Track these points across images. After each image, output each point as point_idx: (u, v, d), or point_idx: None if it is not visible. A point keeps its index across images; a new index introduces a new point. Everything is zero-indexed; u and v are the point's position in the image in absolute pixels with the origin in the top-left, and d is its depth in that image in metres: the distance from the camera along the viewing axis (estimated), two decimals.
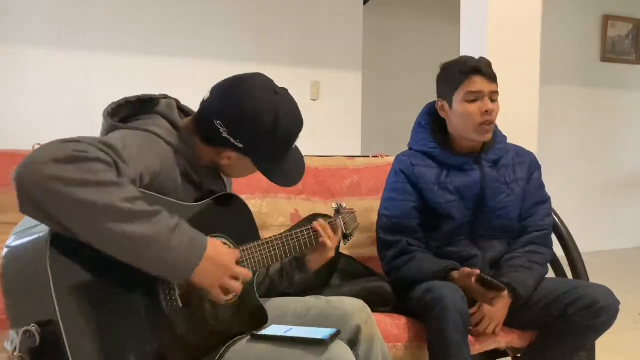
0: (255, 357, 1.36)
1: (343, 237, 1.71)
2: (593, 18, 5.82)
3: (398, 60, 5.42)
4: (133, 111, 1.38)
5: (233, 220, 1.47)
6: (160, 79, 3.83)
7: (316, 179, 2.35)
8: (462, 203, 1.96)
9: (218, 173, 1.54)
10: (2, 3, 3.57)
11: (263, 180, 1.47)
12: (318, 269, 1.65)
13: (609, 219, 5.88)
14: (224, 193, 1.46)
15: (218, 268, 1.25)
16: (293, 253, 1.55)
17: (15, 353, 1.09)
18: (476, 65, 1.93)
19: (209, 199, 1.41)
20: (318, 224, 1.59)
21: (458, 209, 1.96)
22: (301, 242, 1.56)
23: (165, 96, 1.44)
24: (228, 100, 1.38)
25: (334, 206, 1.72)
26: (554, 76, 5.23)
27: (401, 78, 5.37)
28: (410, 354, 1.82)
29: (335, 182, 2.39)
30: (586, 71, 5.79)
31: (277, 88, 1.42)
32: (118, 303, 1.18)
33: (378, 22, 5.22)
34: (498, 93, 1.96)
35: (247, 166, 1.44)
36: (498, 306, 1.87)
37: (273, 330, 1.41)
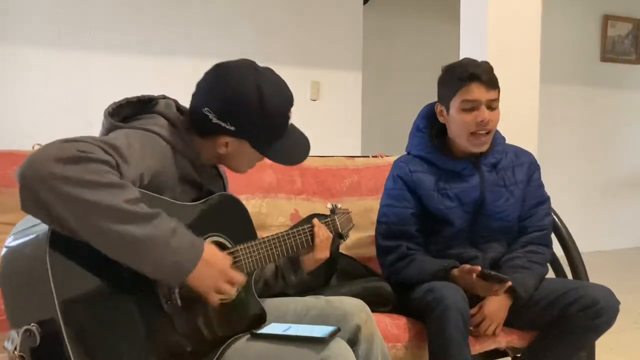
0: (254, 355, 1.37)
1: (338, 238, 1.72)
2: (593, 18, 5.82)
3: (398, 60, 5.41)
4: (133, 111, 1.40)
5: (230, 220, 1.48)
6: (160, 79, 3.82)
7: (316, 179, 2.35)
8: (462, 208, 1.96)
9: (219, 173, 1.55)
10: (2, 3, 3.56)
11: (263, 180, 1.47)
12: (312, 270, 1.65)
13: (609, 219, 5.88)
14: (221, 193, 1.47)
15: (214, 271, 1.26)
16: (290, 252, 1.56)
17: (15, 352, 1.09)
18: (474, 71, 1.88)
19: (206, 199, 1.42)
20: (314, 224, 1.61)
21: (457, 215, 1.95)
22: (297, 242, 1.56)
23: (164, 96, 1.45)
24: (211, 85, 1.40)
25: (329, 206, 1.75)
26: (554, 76, 5.22)
27: (401, 78, 5.36)
28: (410, 354, 1.83)
29: (335, 182, 2.39)
30: (586, 71, 5.79)
31: (260, 67, 1.43)
32: (118, 301, 1.18)
33: (378, 22, 5.21)
34: (498, 100, 1.92)
35: (248, 152, 1.44)
36: (498, 307, 1.87)
37: (272, 328, 1.42)
